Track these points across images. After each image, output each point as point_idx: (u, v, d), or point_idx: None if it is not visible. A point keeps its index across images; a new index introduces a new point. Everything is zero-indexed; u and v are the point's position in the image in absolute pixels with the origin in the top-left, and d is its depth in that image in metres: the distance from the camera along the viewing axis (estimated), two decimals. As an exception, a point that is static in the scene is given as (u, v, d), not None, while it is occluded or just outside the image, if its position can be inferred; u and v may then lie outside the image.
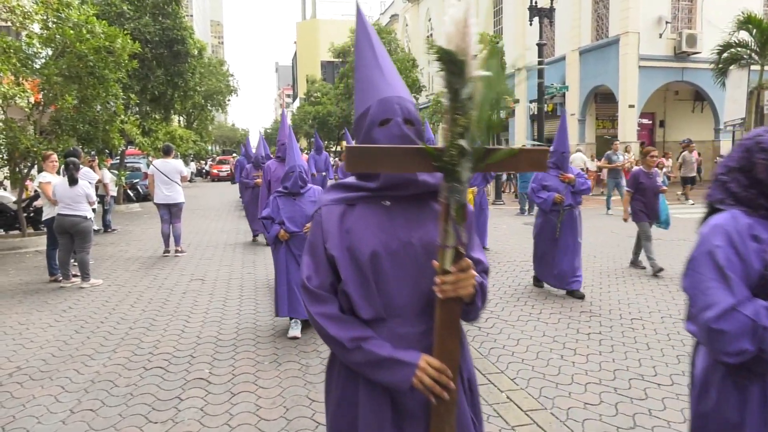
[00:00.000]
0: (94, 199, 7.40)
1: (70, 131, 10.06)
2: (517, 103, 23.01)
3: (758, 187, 1.71)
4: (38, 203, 10.38)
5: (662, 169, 16.38)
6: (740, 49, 18.45)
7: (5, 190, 13.54)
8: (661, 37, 21.87)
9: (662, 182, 14.22)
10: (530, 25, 18.57)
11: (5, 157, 9.91)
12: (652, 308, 5.73)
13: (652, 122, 24.81)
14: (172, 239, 9.40)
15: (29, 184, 10.77)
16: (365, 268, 1.54)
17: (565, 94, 24.22)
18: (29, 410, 3.65)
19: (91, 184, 8.25)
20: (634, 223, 7.50)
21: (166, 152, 9.64)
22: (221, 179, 36.53)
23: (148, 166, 18.64)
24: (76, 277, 7.34)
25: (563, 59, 25.38)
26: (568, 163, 6.34)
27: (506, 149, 1.40)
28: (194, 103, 27.30)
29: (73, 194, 7.04)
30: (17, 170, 10.01)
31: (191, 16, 78.68)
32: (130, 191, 19.24)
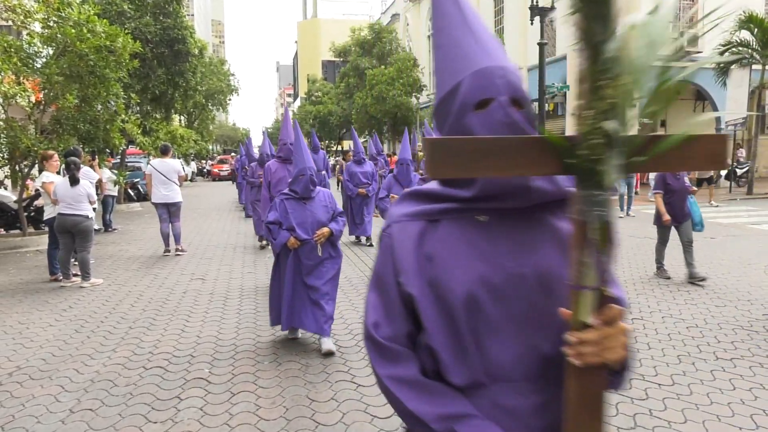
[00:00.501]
0: (95, 198, 7.41)
1: (70, 130, 10.05)
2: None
3: None
4: (39, 202, 10.39)
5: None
6: (741, 48, 18.43)
7: (6, 189, 13.55)
8: (662, 36, 21.83)
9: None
10: (531, 24, 18.56)
11: (6, 156, 9.92)
12: (653, 308, 5.72)
13: (653, 122, 24.76)
14: (172, 239, 9.39)
15: (30, 183, 10.78)
16: (457, 312, 1.10)
17: (566, 93, 24.21)
18: (29, 410, 3.65)
19: (91, 183, 8.25)
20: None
21: (164, 152, 9.66)
22: (222, 179, 36.59)
23: (148, 165, 18.66)
24: (76, 276, 7.34)
25: (564, 59, 25.35)
26: None
27: (678, 136, 0.97)
28: (195, 102, 27.32)
29: (74, 194, 7.04)
30: (18, 169, 10.02)
31: (192, 15, 78.72)
32: (130, 190, 19.24)
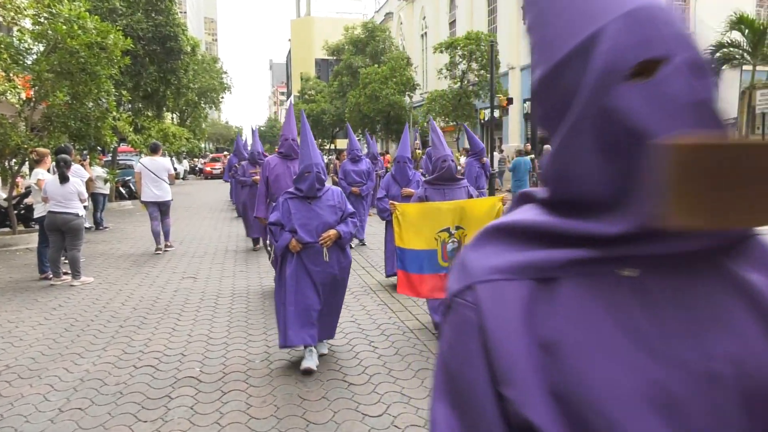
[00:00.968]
0: (85, 196, 7.37)
1: (61, 128, 9.98)
2: (510, 103, 23.03)
3: None
4: (29, 200, 10.31)
5: None
6: (732, 49, 18.57)
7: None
8: (654, 36, 21.96)
9: None
10: (524, 24, 18.61)
11: (-4, 153, 9.84)
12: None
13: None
14: (162, 236, 9.46)
15: (20, 180, 10.69)
16: None
17: (558, 93, 24.26)
18: (17, 409, 3.62)
19: (82, 181, 8.21)
20: None
21: (153, 150, 9.72)
22: (215, 177, 36.50)
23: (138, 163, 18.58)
24: (66, 274, 7.30)
25: (557, 58, 25.43)
26: None
27: None
28: (187, 100, 27.17)
29: (64, 191, 6.99)
30: (7, 167, 9.94)
31: (184, 12, 78.38)
32: (122, 189, 19.14)
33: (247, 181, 9.90)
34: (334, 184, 9.31)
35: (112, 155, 18.10)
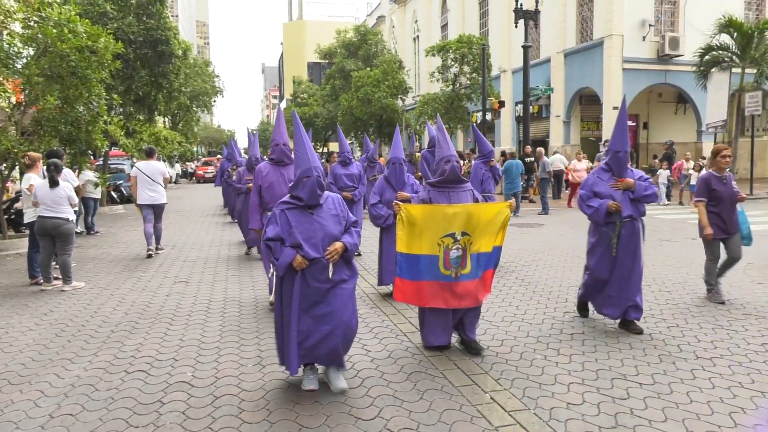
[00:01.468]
0: (76, 201, 7.32)
1: (52, 132, 9.92)
2: (502, 105, 23.11)
3: None
4: (19, 205, 10.24)
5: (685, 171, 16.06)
6: (721, 51, 18.73)
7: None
8: (644, 39, 22.13)
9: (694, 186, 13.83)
10: (515, 27, 18.70)
11: (-15, 158, 9.76)
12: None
13: (636, 124, 25.06)
14: (153, 239, 9.50)
15: (10, 185, 10.61)
16: None
17: (550, 95, 24.42)
18: (8, 415, 3.59)
19: (72, 185, 8.17)
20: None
21: (149, 154, 9.88)
22: (207, 181, 36.39)
23: (132, 168, 18.49)
24: (57, 279, 7.25)
25: (548, 61, 25.56)
26: (626, 164, 5.18)
27: None
28: (179, 104, 27.12)
29: (54, 196, 6.95)
30: (-2, 171, 9.86)
31: (176, 16, 78.07)
32: (113, 193, 19.04)
33: (242, 188, 9.49)
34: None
35: (103, 159, 17.99)
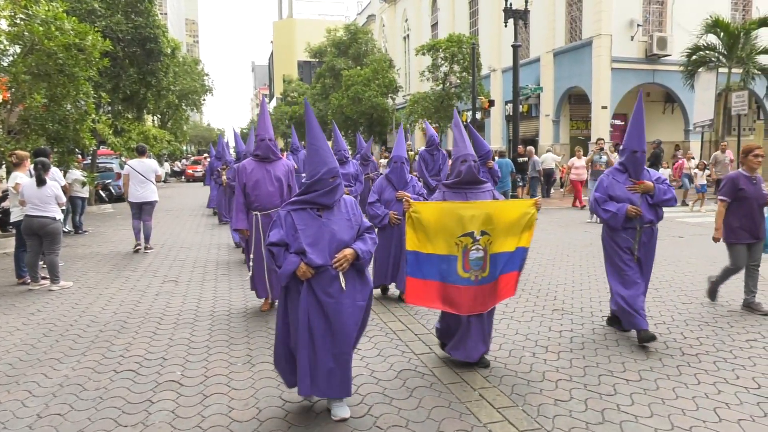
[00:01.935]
0: (63, 199, 7.27)
1: (39, 130, 9.85)
2: (492, 104, 23.19)
3: None
4: (5, 204, 10.13)
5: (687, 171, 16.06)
6: (708, 51, 18.91)
7: (-29, 190, 13.16)
8: (632, 39, 22.28)
9: (702, 187, 13.85)
10: (505, 26, 18.76)
11: (-29, 157, 9.66)
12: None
13: (624, 123, 25.25)
14: (142, 234, 9.69)
15: (-3, 184, 10.50)
16: None
17: (539, 95, 24.54)
18: (-6, 416, 3.57)
19: (60, 184, 8.10)
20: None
21: (140, 152, 9.96)
22: (196, 179, 36.21)
23: (121, 166, 18.39)
24: (45, 279, 7.19)
25: (538, 61, 25.67)
26: (644, 165, 4.85)
27: None
28: (168, 102, 26.91)
29: (41, 195, 6.90)
30: (-16, 170, 9.78)
31: (165, 14, 77.55)
32: (102, 192, 18.89)
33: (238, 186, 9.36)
34: None
35: (91, 158, 17.84)
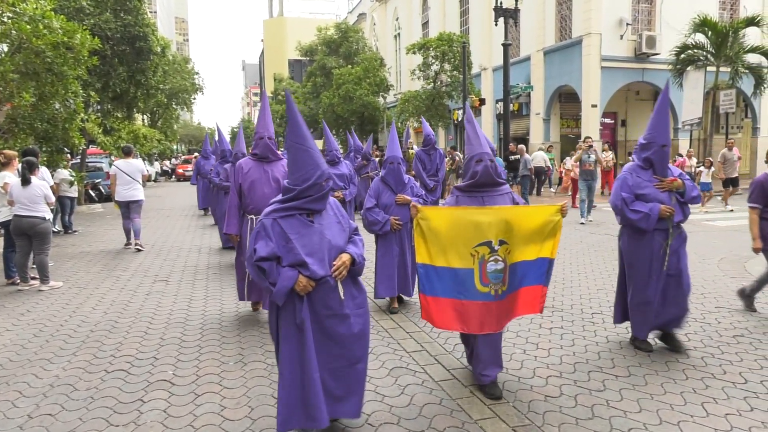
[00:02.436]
0: (52, 199, 7.22)
1: (27, 130, 9.80)
2: (483, 103, 23.26)
3: None
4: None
5: (688, 168, 16.11)
6: (697, 50, 19.07)
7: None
8: (622, 38, 22.39)
9: (707, 185, 13.88)
10: (495, 25, 18.81)
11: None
12: (612, 302, 5.87)
13: (614, 122, 25.40)
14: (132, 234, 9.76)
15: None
16: None
17: (530, 93, 24.63)
18: (-16, 416, 3.55)
19: (49, 183, 8.07)
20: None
21: (127, 153, 9.98)
22: (187, 179, 36.06)
23: (110, 165, 18.28)
24: (34, 279, 7.15)
25: (528, 59, 25.76)
26: (668, 161, 4.41)
27: None
28: (158, 101, 26.76)
29: (30, 195, 6.85)
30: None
31: (154, 12, 77.07)
32: (92, 191, 18.78)
33: (229, 186, 8.80)
34: None
35: (80, 157, 17.72)
